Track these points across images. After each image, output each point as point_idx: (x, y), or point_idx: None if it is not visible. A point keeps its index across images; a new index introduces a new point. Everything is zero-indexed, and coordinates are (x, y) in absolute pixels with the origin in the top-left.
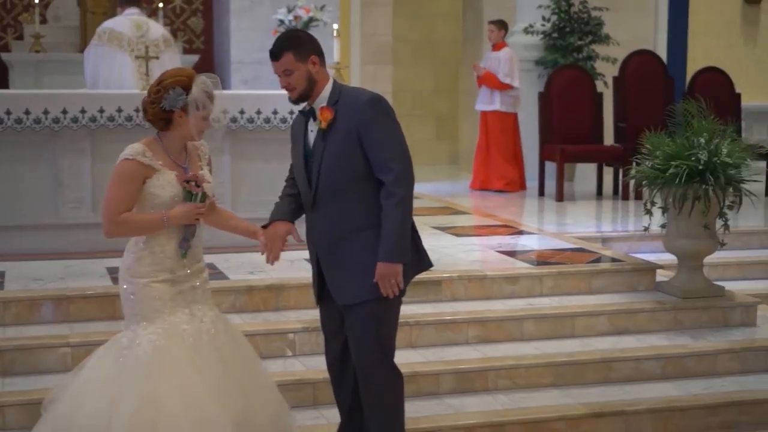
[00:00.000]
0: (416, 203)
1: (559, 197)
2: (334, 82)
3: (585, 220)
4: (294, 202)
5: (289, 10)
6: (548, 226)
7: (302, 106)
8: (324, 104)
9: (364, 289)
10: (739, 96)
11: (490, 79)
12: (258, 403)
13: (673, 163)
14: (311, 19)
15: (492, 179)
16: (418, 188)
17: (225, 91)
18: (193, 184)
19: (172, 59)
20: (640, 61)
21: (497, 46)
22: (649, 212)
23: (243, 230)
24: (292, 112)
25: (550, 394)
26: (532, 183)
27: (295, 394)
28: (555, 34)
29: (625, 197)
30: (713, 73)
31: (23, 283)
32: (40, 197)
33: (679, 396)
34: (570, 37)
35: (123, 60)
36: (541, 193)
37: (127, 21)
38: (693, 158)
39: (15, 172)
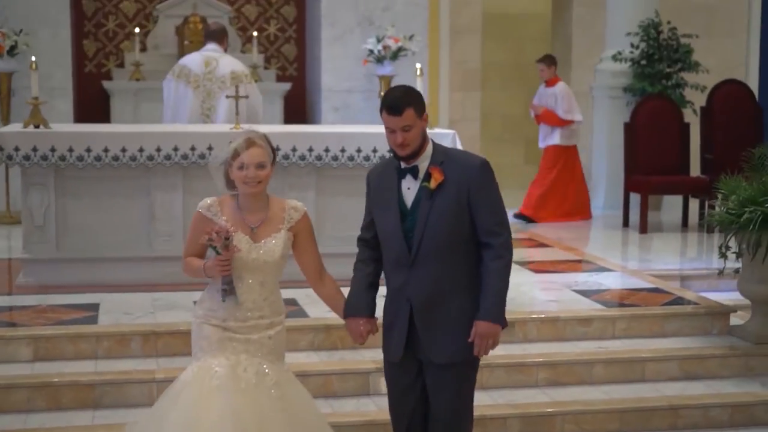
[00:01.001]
0: None
1: (643, 229)
2: (433, 141)
3: (666, 255)
4: (373, 284)
5: (379, 40)
6: (629, 262)
7: (382, 160)
8: (428, 163)
9: (461, 349)
10: None
11: (550, 116)
12: None
13: (747, 209)
14: (400, 49)
15: (543, 212)
16: None
17: (310, 129)
18: (222, 237)
19: (252, 94)
20: (728, 90)
21: (550, 82)
22: (724, 255)
23: (338, 310)
24: (375, 150)
25: None
26: (616, 212)
27: None
28: (644, 62)
29: (710, 230)
30: None
31: (115, 316)
32: (134, 230)
33: None
34: (659, 65)
35: (186, 95)
36: (626, 224)
37: (199, 57)
38: None
39: (111, 206)
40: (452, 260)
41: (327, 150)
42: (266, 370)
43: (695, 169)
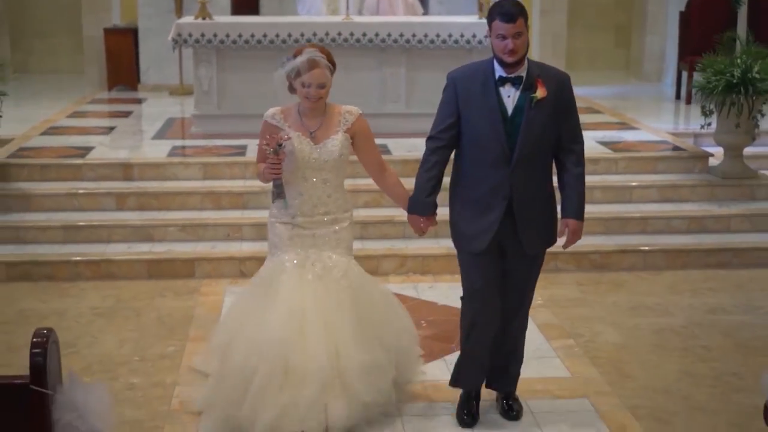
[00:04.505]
0: None
1: (688, 100)
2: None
3: (692, 118)
4: (435, 187)
5: None
6: (659, 124)
7: (477, 68)
8: (525, 74)
9: (546, 240)
10: None
11: None
12: (353, 346)
13: (714, 78)
14: None
15: None
16: (584, 91)
17: (401, 20)
18: (275, 142)
19: None
20: None
21: None
22: (705, 114)
23: (399, 202)
24: (450, 35)
25: (598, 238)
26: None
27: None
28: None
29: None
30: None
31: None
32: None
33: (687, 242)
34: None
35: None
36: (678, 96)
37: None
38: (728, 74)
39: (256, 77)
40: (542, 163)
41: (414, 35)
42: (333, 263)
43: None
